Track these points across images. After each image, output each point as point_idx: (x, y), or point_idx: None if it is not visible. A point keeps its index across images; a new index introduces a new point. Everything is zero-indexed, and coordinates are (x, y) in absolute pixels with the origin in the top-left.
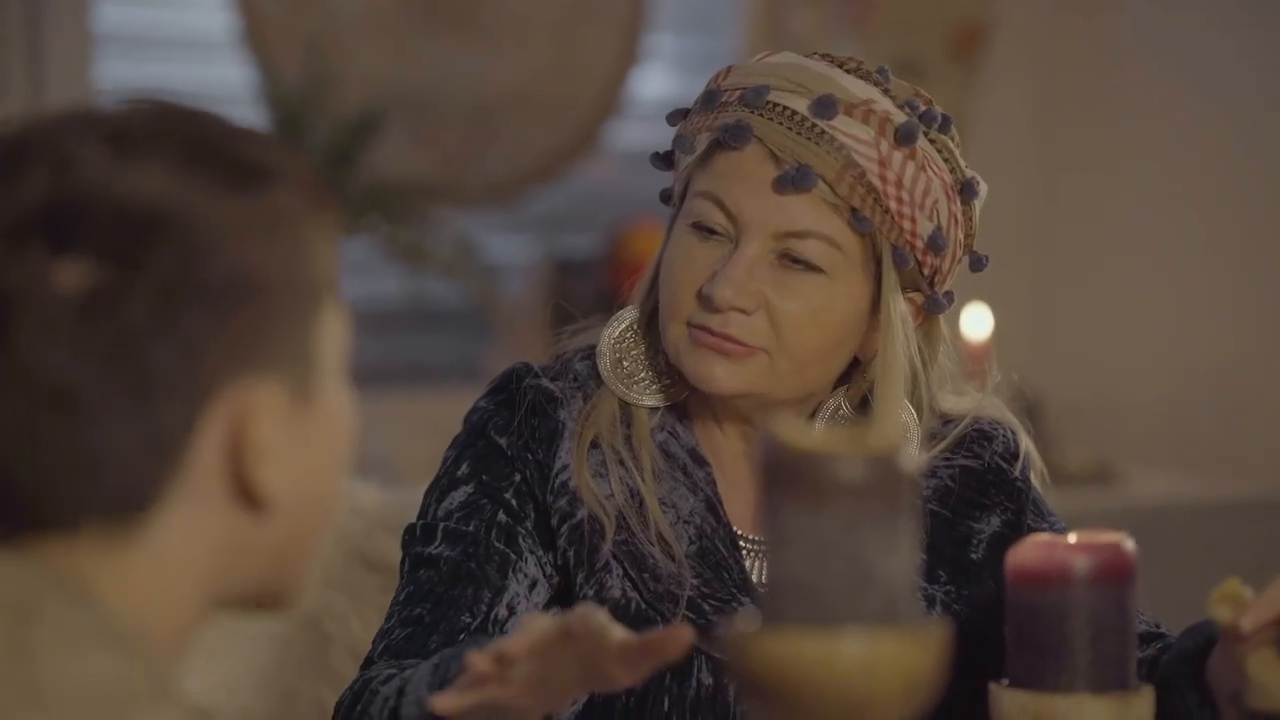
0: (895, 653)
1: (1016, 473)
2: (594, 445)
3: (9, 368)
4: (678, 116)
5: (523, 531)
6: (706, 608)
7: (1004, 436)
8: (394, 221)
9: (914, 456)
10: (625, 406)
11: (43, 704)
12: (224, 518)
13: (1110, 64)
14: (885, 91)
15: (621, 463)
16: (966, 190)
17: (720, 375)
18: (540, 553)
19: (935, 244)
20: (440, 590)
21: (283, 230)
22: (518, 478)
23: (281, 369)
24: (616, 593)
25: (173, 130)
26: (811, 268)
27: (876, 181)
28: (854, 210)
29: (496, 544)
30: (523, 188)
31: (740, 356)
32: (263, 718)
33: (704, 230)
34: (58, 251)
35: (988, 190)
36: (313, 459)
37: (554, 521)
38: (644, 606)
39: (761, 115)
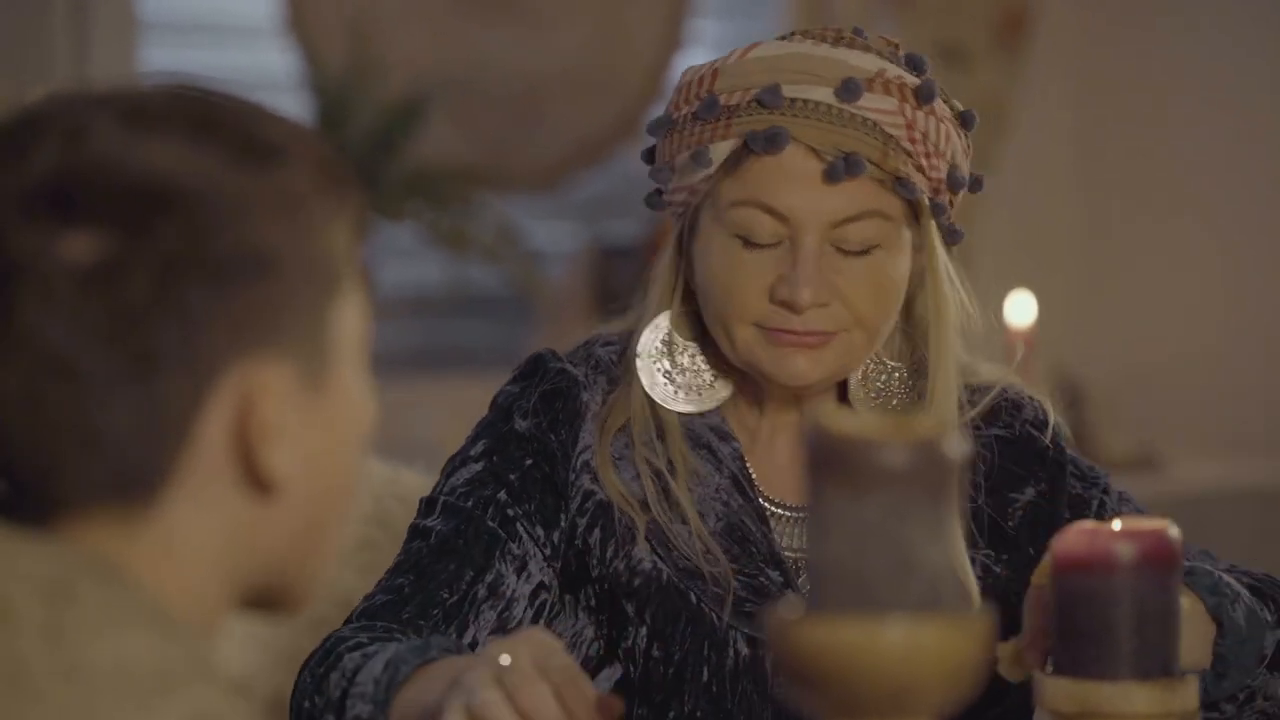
0: (937, 640)
1: (1047, 440)
2: (619, 429)
3: (12, 339)
4: (663, 126)
5: (520, 514)
6: (736, 584)
7: (1033, 405)
8: (437, 207)
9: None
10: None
11: (80, 684)
12: (235, 500)
13: (1154, 50)
14: (879, 54)
15: (649, 443)
16: (967, 121)
17: (804, 368)
18: (541, 534)
19: (956, 182)
20: (425, 563)
21: (295, 209)
22: (529, 462)
23: (292, 350)
24: (648, 565)
25: (185, 107)
26: (870, 245)
27: (909, 145)
28: (899, 180)
29: (489, 523)
30: (565, 173)
31: (821, 344)
32: None
33: (753, 241)
34: (65, 223)
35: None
36: (325, 443)
37: (576, 500)
38: (674, 579)
39: (787, 114)
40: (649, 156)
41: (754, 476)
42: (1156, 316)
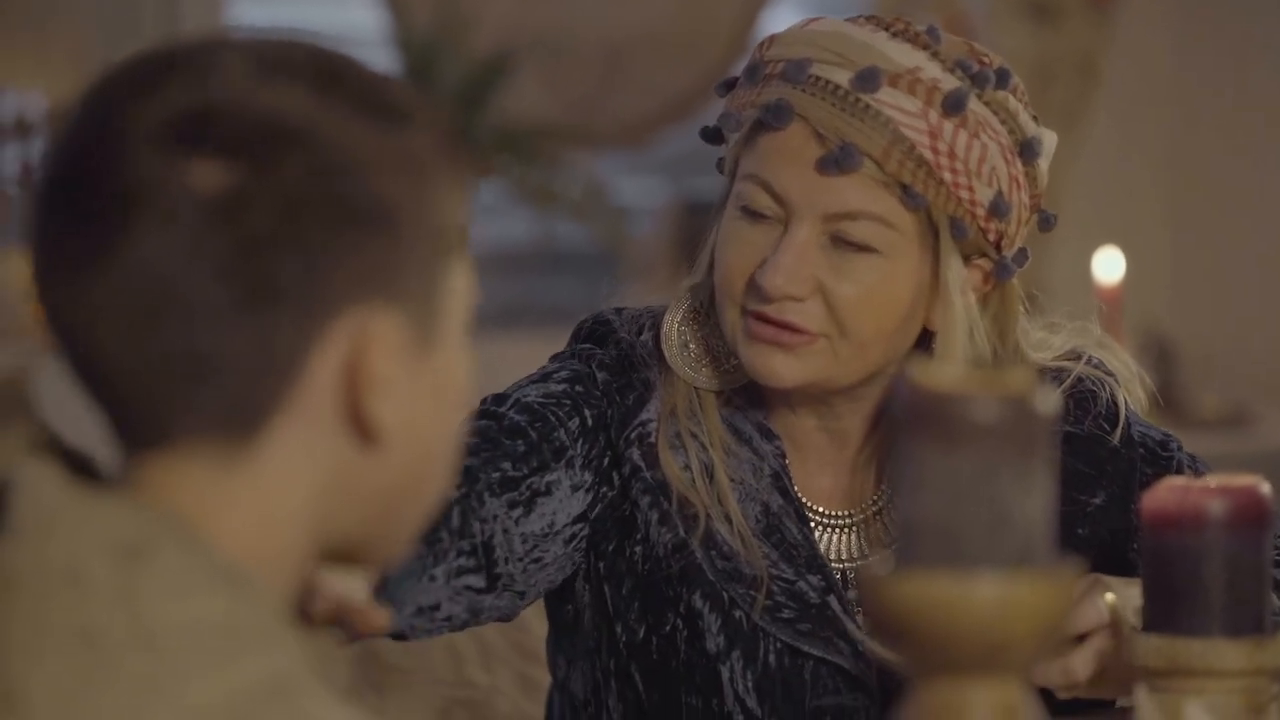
0: (1030, 595)
1: (1116, 439)
2: (670, 412)
3: (128, 264)
4: (725, 88)
5: (579, 453)
6: (775, 589)
7: (1108, 393)
8: (524, 164)
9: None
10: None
11: (153, 648)
12: (334, 447)
13: (1249, 3)
14: (934, 55)
15: (695, 436)
16: (1027, 150)
17: (780, 370)
18: (589, 479)
19: (997, 210)
20: (494, 435)
21: (417, 171)
22: (599, 411)
23: (405, 306)
24: (688, 553)
25: (314, 59)
26: (865, 248)
27: (928, 154)
28: (905, 187)
29: (559, 435)
30: (653, 129)
31: (799, 345)
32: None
33: (753, 214)
34: (192, 153)
35: (1056, 142)
36: (428, 404)
37: (624, 469)
38: (711, 576)
39: (803, 90)
40: (708, 134)
41: (793, 477)
42: (1247, 272)
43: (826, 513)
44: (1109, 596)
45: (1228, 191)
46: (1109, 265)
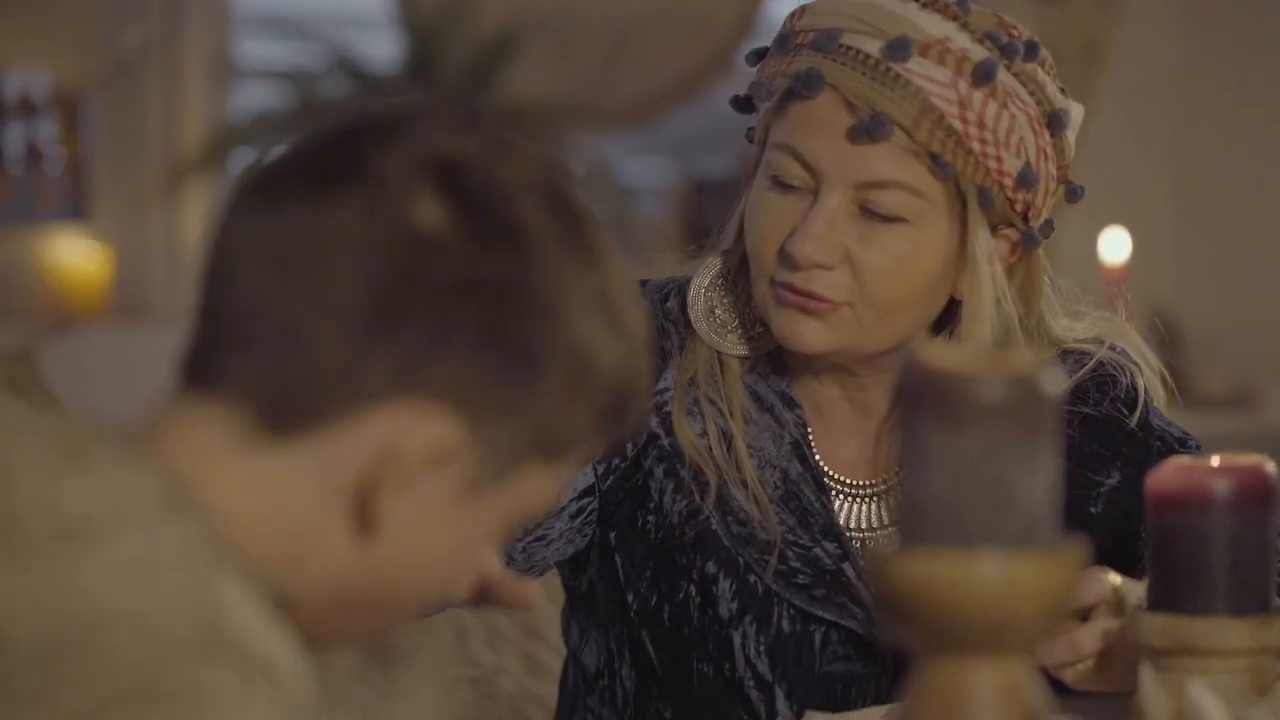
0: (1034, 575)
1: (1134, 423)
2: (689, 380)
3: (314, 220)
4: (755, 57)
5: None
6: (790, 554)
7: (1129, 378)
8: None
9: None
10: (717, 352)
11: (70, 535)
12: (327, 511)
13: None
14: (963, 26)
15: (714, 403)
16: (1055, 122)
17: (807, 335)
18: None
19: (1025, 180)
20: None
21: (583, 360)
22: None
23: (481, 437)
24: (703, 520)
25: (544, 169)
26: (895, 218)
27: (957, 124)
28: (934, 156)
29: None
30: (659, 109)
31: (824, 312)
32: None
33: (783, 185)
34: (434, 186)
35: (1083, 114)
36: (436, 539)
37: (640, 438)
38: (726, 541)
39: (834, 60)
40: (738, 103)
41: (814, 446)
42: (1252, 253)
43: (849, 482)
44: (1113, 577)
45: (1232, 173)
46: (1114, 246)
